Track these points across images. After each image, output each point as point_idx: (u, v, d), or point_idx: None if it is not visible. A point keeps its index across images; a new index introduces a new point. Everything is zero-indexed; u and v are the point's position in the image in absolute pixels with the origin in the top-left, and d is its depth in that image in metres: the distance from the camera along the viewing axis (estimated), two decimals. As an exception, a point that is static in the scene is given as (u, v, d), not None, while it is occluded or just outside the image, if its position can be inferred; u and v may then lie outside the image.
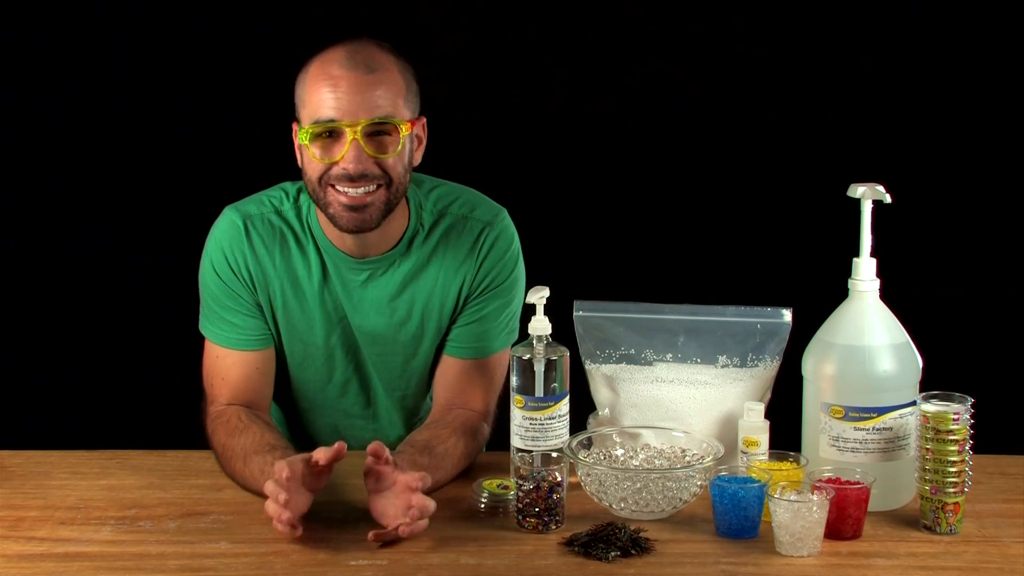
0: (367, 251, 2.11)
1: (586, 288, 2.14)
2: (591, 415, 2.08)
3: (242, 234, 2.11)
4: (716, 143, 3.61)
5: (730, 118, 3.59)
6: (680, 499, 1.85)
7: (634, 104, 3.59)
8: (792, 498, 1.74)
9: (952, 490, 1.81)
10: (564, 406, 1.95)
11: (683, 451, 1.97)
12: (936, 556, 1.76)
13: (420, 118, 2.08)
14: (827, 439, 1.89)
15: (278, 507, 1.75)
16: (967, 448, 1.82)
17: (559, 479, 1.82)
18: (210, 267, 2.13)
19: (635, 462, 1.97)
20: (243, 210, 2.13)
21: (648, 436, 2.00)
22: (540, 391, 1.93)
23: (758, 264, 3.60)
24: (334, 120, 1.97)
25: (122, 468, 2.08)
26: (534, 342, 1.94)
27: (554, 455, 1.88)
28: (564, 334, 2.00)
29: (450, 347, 2.17)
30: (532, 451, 1.93)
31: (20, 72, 3.49)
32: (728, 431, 2.00)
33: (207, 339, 2.15)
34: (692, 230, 3.63)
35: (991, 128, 3.55)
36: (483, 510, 1.90)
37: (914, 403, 1.88)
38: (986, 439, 1.99)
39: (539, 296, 1.94)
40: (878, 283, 1.92)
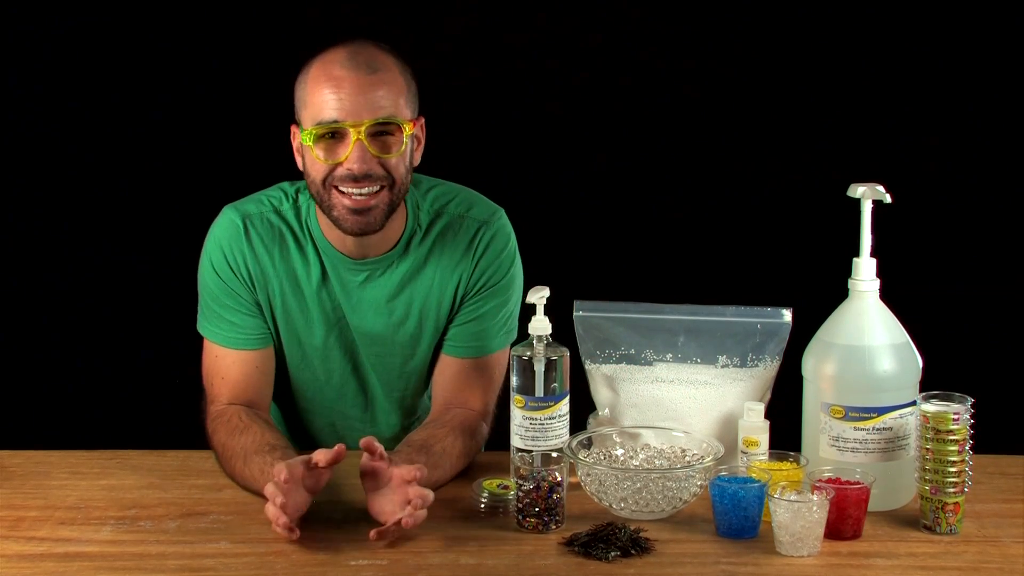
0: (366, 252, 2.11)
1: (586, 288, 2.14)
2: (591, 415, 2.08)
3: (241, 233, 2.11)
4: (716, 143, 3.60)
5: (730, 118, 3.59)
6: (680, 499, 1.85)
7: (634, 104, 3.58)
8: (792, 498, 1.74)
9: (952, 490, 1.81)
10: (564, 406, 1.95)
11: (683, 451, 1.97)
12: (936, 556, 1.76)
13: (419, 118, 2.08)
14: (827, 439, 1.89)
15: (276, 510, 1.75)
16: (967, 448, 1.82)
17: (559, 479, 1.82)
18: (209, 266, 2.12)
19: (635, 462, 1.97)
20: (242, 209, 2.13)
21: (648, 436, 2.00)
22: (540, 391, 1.93)
23: (758, 264, 3.60)
24: (337, 121, 1.97)
25: (122, 468, 2.08)
26: (534, 342, 1.94)
27: (554, 455, 1.88)
28: (564, 334, 2.00)
29: (448, 347, 2.17)
30: (532, 451, 1.93)
31: (20, 72, 3.49)
32: (728, 431, 2.00)
33: (205, 339, 2.15)
34: (692, 230, 3.63)
35: (991, 128, 3.55)
36: (483, 510, 1.90)
37: (914, 403, 1.88)
38: (986, 439, 1.99)
39: (539, 296, 1.94)
40: (878, 283, 1.92)
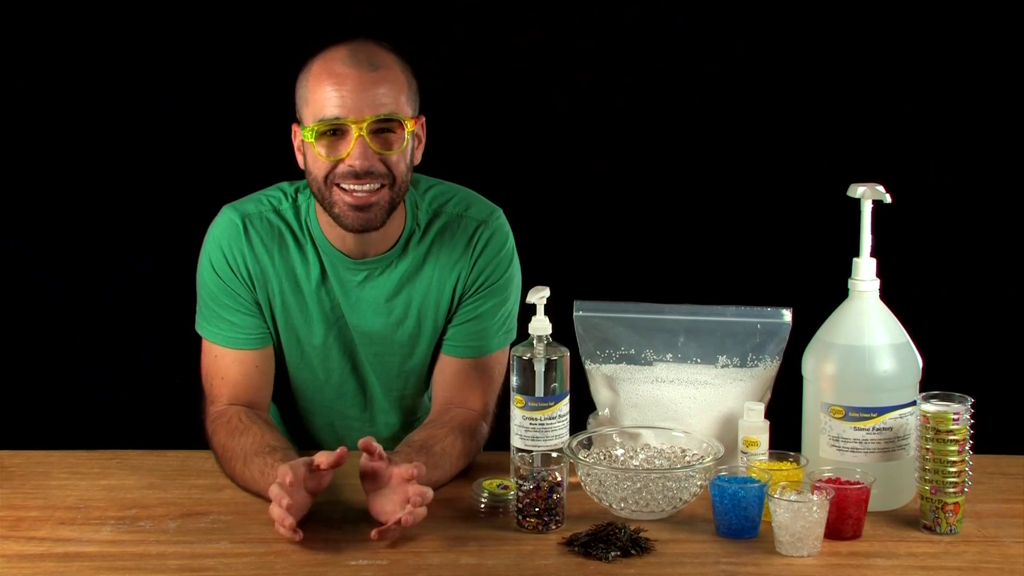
0: (365, 251, 2.11)
1: (586, 288, 2.14)
2: (591, 415, 2.08)
3: (241, 233, 2.10)
4: (716, 143, 3.61)
5: (730, 118, 3.59)
6: (680, 499, 1.85)
7: (634, 104, 3.59)
8: (792, 498, 1.74)
9: (952, 490, 1.81)
10: (564, 406, 1.95)
11: (683, 451, 1.97)
12: (936, 556, 1.76)
13: (420, 117, 2.08)
14: (827, 439, 1.89)
15: (282, 512, 1.75)
16: (967, 448, 1.82)
17: (559, 479, 1.82)
18: (209, 266, 2.12)
19: (635, 462, 1.97)
20: (241, 209, 2.13)
21: (648, 436, 2.00)
22: (540, 391, 1.93)
23: (758, 264, 3.60)
24: (339, 118, 1.97)
25: (122, 468, 2.08)
26: (534, 342, 1.94)
27: (554, 455, 1.88)
28: (564, 334, 2.00)
29: (447, 346, 2.17)
30: (532, 451, 1.93)
31: (20, 72, 3.49)
32: (728, 431, 1.99)
33: (204, 339, 2.14)
34: (692, 230, 3.63)
35: (991, 128, 3.55)
36: (483, 510, 1.90)
37: (914, 403, 1.88)
38: (986, 439, 1.98)
39: (539, 296, 1.94)
40: (878, 283, 1.92)
